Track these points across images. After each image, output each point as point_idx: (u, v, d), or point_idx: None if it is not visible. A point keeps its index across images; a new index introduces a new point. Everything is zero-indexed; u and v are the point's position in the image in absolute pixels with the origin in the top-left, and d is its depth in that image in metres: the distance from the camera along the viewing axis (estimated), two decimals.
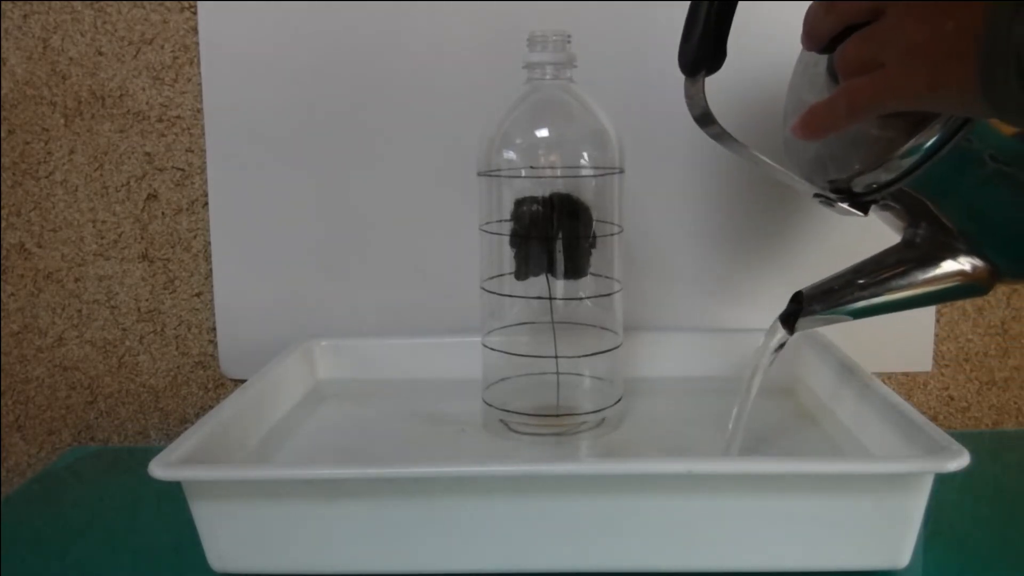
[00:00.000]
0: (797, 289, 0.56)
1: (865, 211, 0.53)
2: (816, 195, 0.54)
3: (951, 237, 0.52)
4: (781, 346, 0.57)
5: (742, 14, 0.53)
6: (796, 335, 0.72)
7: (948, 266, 0.52)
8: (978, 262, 0.52)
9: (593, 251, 0.64)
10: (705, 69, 0.53)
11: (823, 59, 0.53)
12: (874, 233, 0.55)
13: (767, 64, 0.68)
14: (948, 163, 0.48)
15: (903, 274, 0.53)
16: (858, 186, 0.52)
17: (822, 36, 0.49)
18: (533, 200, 0.62)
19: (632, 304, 0.71)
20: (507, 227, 0.64)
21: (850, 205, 0.53)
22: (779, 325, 0.57)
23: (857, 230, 0.56)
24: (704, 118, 0.54)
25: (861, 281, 0.54)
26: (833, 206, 0.53)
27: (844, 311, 0.54)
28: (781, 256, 0.78)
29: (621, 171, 0.64)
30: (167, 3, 0.77)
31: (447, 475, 0.51)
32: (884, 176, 0.50)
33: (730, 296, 0.78)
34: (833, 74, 0.50)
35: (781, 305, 0.57)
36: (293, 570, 0.53)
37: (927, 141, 0.47)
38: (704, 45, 0.52)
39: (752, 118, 0.70)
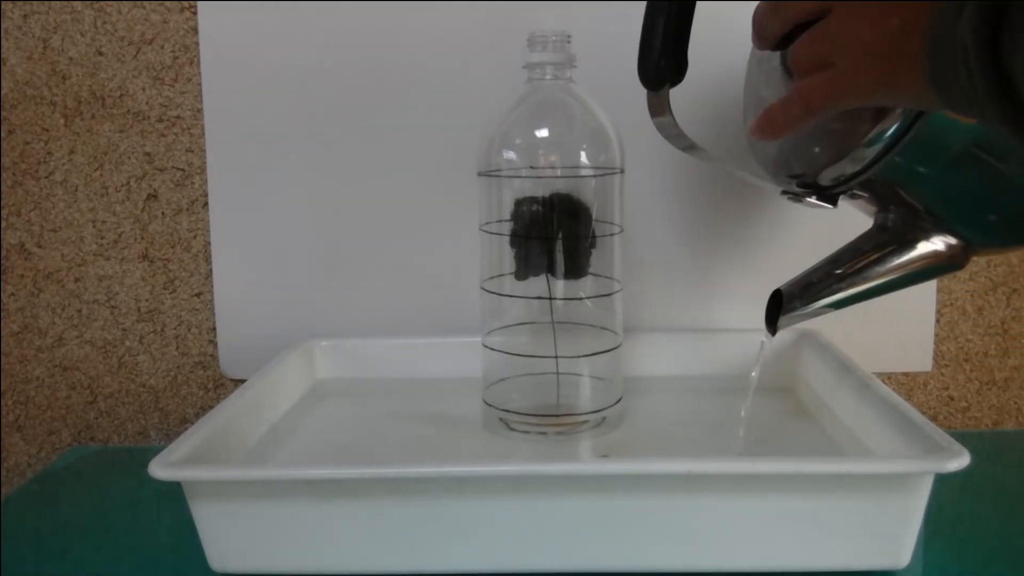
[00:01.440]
0: None
1: (834, 203, 0.53)
2: (784, 191, 0.54)
3: (921, 218, 0.52)
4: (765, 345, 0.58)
5: (696, 14, 0.52)
6: (797, 335, 0.73)
7: (923, 247, 0.52)
8: (950, 239, 0.52)
9: (593, 251, 0.64)
10: (669, 82, 0.53)
11: (776, 54, 0.52)
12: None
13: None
14: (911, 149, 0.48)
15: (879, 260, 0.53)
16: (824, 179, 0.52)
17: (772, 36, 0.48)
18: (533, 200, 0.62)
19: (632, 304, 0.71)
20: (507, 227, 0.64)
21: (818, 198, 0.53)
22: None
23: (858, 224, 0.56)
24: (671, 131, 0.54)
25: (839, 271, 0.54)
26: (801, 201, 0.53)
27: (825, 303, 0.54)
28: (782, 255, 0.77)
29: (621, 171, 0.64)
30: (167, 3, 0.77)
31: (447, 475, 0.51)
32: (849, 167, 0.50)
33: (730, 296, 0.78)
34: (788, 68, 0.50)
35: None
36: (293, 570, 0.53)
37: (888, 130, 0.47)
38: (665, 58, 0.52)
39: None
